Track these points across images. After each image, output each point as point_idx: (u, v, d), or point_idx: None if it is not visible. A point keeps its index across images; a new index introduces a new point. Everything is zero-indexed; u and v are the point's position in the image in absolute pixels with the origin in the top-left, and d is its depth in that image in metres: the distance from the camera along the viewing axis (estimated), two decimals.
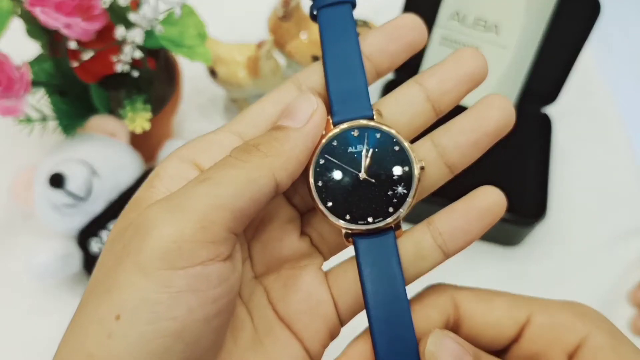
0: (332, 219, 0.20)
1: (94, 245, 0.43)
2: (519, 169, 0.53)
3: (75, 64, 0.39)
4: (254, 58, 0.49)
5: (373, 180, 0.20)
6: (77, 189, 0.41)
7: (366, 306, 0.20)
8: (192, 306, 0.17)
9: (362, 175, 0.20)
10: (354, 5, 0.21)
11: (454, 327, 0.21)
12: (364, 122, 0.20)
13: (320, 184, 0.20)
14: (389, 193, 0.20)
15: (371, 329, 0.20)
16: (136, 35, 0.37)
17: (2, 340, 0.45)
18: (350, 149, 0.20)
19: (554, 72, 0.52)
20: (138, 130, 0.44)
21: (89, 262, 0.44)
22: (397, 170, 0.20)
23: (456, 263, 0.51)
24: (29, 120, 0.42)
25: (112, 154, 0.44)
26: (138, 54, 0.38)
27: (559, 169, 0.55)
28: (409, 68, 0.55)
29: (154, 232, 0.17)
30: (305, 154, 0.20)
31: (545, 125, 0.55)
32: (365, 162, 0.20)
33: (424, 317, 0.21)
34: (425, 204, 0.49)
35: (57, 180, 0.41)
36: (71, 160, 0.42)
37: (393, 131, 0.21)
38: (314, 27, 0.48)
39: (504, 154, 0.54)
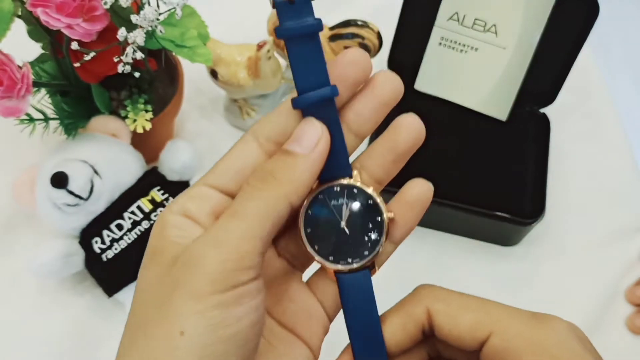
0: (319, 259, 0.25)
1: (96, 245, 0.43)
2: (517, 169, 0.53)
3: (76, 65, 0.40)
4: (254, 59, 0.49)
5: (351, 229, 0.25)
6: (79, 188, 0.42)
7: (348, 328, 0.25)
8: (240, 315, 0.21)
9: (343, 224, 0.25)
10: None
11: (429, 332, 0.25)
12: (344, 181, 0.24)
13: (309, 230, 0.24)
14: (364, 239, 0.25)
15: (352, 344, 0.25)
16: (137, 36, 0.37)
17: (4, 339, 0.45)
18: (333, 202, 0.24)
19: (552, 72, 0.52)
20: (139, 130, 0.44)
21: (91, 261, 0.44)
22: (371, 220, 0.25)
23: (456, 263, 0.51)
24: (30, 120, 0.43)
25: (114, 154, 0.45)
26: (139, 55, 0.38)
27: (557, 169, 0.55)
28: (408, 68, 0.55)
29: (201, 265, 0.21)
30: (312, 179, 0.23)
31: (543, 125, 0.55)
32: (345, 213, 0.24)
33: (402, 326, 0.25)
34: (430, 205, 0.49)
35: (59, 180, 0.41)
36: (73, 160, 0.43)
37: (369, 189, 0.25)
38: None
39: (503, 154, 0.54)
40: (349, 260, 0.25)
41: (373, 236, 0.25)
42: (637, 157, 0.60)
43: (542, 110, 0.56)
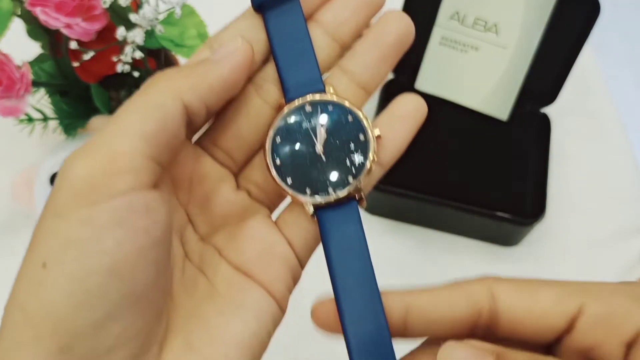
0: (293, 193, 0.21)
1: None
2: (518, 169, 0.53)
3: (76, 64, 0.40)
4: None
5: (330, 153, 0.21)
6: None
7: (333, 282, 0.20)
8: (120, 239, 0.16)
9: (319, 149, 0.21)
10: None
11: (488, 321, 0.20)
12: (316, 96, 0.21)
13: (278, 162, 0.21)
14: (347, 163, 0.21)
15: (337, 300, 0.20)
16: (137, 36, 0.37)
17: None
18: (304, 125, 0.21)
19: (554, 72, 0.52)
20: None
21: None
22: (353, 140, 0.21)
23: (456, 263, 0.51)
24: (30, 120, 0.43)
25: None
26: (138, 54, 0.38)
27: (558, 169, 0.55)
28: (408, 68, 0.55)
29: (66, 175, 0.17)
30: (219, 82, 0.19)
31: (544, 125, 0.55)
32: (320, 136, 0.21)
33: (448, 303, 0.20)
34: (430, 205, 0.49)
35: None
36: None
37: (345, 103, 0.21)
38: None
39: (503, 154, 0.54)
40: (330, 190, 0.20)
41: (357, 159, 0.21)
42: (638, 156, 0.59)
43: (543, 110, 0.56)
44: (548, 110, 0.56)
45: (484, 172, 0.53)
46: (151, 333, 0.18)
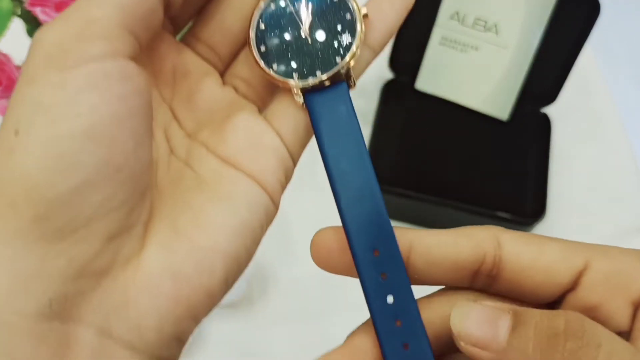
0: (280, 78, 0.20)
1: None
2: (518, 169, 0.53)
3: None
4: None
5: (316, 35, 0.20)
6: None
7: (325, 162, 0.20)
8: (94, 103, 0.16)
9: (305, 31, 0.20)
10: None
11: (492, 269, 0.19)
12: None
13: (263, 49, 0.20)
14: (334, 45, 0.20)
15: (332, 184, 0.19)
16: None
17: None
18: (288, 9, 0.20)
19: (554, 72, 0.52)
20: None
21: None
22: (339, 20, 0.20)
23: None
24: None
25: None
26: None
27: (558, 169, 0.55)
28: (409, 68, 0.55)
29: (39, 40, 0.16)
30: None
31: (544, 125, 0.55)
32: (305, 18, 0.20)
33: (453, 243, 0.19)
34: (430, 205, 0.49)
35: None
36: None
37: None
38: None
39: (503, 154, 0.54)
40: (318, 72, 0.20)
41: (344, 39, 0.20)
42: (638, 156, 0.59)
43: (543, 110, 0.56)
44: (548, 110, 0.56)
45: (484, 172, 0.53)
46: (134, 210, 0.17)
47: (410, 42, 0.53)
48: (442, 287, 0.20)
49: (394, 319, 0.18)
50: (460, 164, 0.53)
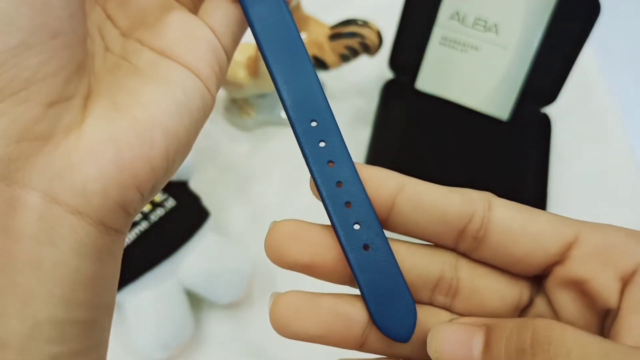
0: None
1: None
2: (518, 169, 0.53)
3: None
4: (254, 58, 0.49)
5: None
6: None
7: (261, 51, 0.20)
8: None
9: None
10: None
11: (479, 230, 0.19)
12: None
13: None
14: None
15: (269, 69, 0.21)
16: None
17: None
18: None
19: (554, 72, 0.52)
20: None
21: None
22: None
23: None
24: None
25: None
26: None
27: (558, 169, 0.55)
28: (408, 68, 0.55)
29: None
30: None
31: (544, 125, 0.55)
32: None
33: (444, 195, 0.19)
34: None
35: None
36: None
37: None
38: (314, 28, 0.48)
39: (504, 154, 0.54)
40: None
41: None
42: (638, 156, 0.59)
43: (543, 110, 0.56)
44: (548, 110, 0.56)
45: (484, 172, 0.53)
46: (71, 81, 0.18)
47: (410, 42, 0.53)
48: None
49: (335, 181, 0.20)
50: (460, 164, 0.53)
